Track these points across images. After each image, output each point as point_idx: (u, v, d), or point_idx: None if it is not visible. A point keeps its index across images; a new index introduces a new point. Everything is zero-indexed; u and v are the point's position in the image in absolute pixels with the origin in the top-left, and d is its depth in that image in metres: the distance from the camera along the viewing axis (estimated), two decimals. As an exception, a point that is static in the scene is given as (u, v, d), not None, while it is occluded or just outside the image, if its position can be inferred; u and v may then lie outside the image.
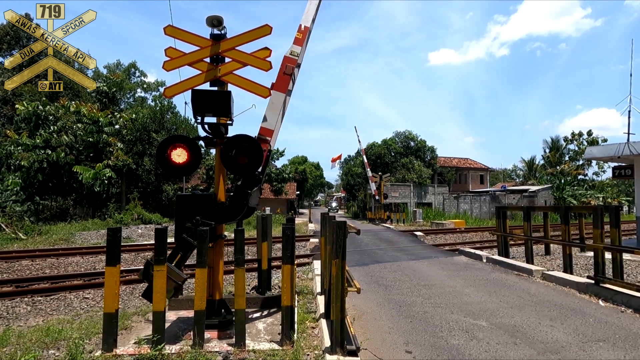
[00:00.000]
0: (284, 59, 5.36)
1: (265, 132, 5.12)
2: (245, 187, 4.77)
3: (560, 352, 4.06)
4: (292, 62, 5.36)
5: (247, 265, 9.06)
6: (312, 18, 5.66)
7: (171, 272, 4.22)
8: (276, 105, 5.21)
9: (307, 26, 5.59)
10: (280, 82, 5.28)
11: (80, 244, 14.51)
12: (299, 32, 5.52)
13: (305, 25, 5.57)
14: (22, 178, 20.94)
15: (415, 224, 27.67)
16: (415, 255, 11.26)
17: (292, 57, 5.37)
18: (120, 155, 23.64)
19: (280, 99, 5.25)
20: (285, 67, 5.30)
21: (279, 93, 5.25)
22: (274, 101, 5.21)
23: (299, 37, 5.48)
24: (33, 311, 6.42)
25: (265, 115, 5.18)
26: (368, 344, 4.27)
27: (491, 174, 56.88)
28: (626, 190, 46.07)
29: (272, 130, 5.13)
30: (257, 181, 4.87)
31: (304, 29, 5.56)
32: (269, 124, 5.15)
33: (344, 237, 3.85)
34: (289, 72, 5.30)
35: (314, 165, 62.50)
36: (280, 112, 5.23)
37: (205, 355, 3.90)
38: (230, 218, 4.75)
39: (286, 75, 5.29)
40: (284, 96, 5.29)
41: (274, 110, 5.19)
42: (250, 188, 4.77)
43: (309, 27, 5.60)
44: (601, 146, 15.19)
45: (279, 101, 5.24)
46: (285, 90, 5.29)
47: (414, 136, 41.01)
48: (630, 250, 7.05)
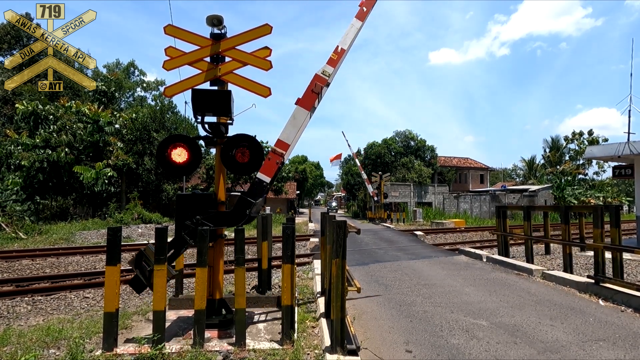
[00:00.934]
0: (314, 77, 5.29)
1: (281, 145, 5.05)
2: (251, 196, 4.72)
3: (560, 352, 4.06)
4: (323, 81, 5.29)
5: (247, 264, 9.06)
6: (350, 41, 5.58)
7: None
8: (298, 122, 5.15)
9: (344, 49, 5.51)
10: (307, 99, 5.21)
11: (80, 244, 14.51)
12: (335, 53, 5.45)
13: (342, 47, 5.49)
14: (22, 178, 20.96)
15: (415, 223, 27.68)
16: (415, 254, 11.26)
17: (324, 76, 5.31)
18: (121, 154, 23.64)
19: (303, 115, 5.18)
20: (315, 85, 5.23)
21: (303, 110, 5.18)
22: (297, 117, 5.15)
23: (333, 58, 5.41)
24: (33, 310, 6.42)
25: (285, 129, 5.12)
26: (368, 344, 4.27)
27: (491, 173, 56.86)
28: (626, 190, 46.08)
29: (288, 145, 5.07)
30: (263, 191, 4.82)
31: (340, 51, 5.49)
32: (287, 139, 5.08)
33: (344, 237, 3.85)
34: (317, 90, 5.24)
35: (314, 165, 62.55)
36: (300, 128, 5.18)
37: (205, 355, 3.90)
38: (230, 224, 4.71)
39: (314, 93, 5.22)
40: (307, 113, 5.22)
41: (294, 126, 5.14)
42: (256, 198, 4.72)
43: (346, 50, 5.52)
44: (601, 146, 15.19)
45: (302, 118, 5.18)
46: (310, 108, 5.22)
47: (414, 136, 41.03)
48: (631, 250, 7.05)
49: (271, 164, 4.93)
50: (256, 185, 4.83)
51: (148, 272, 4.32)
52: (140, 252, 4.36)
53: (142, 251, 4.35)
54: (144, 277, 4.35)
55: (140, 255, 4.35)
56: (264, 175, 4.87)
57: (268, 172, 4.89)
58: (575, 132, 46.50)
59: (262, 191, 4.82)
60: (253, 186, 4.84)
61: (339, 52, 5.48)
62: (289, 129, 5.12)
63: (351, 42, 5.61)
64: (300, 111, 5.19)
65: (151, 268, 4.27)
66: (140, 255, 4.36)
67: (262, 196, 4.84)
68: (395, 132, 42.13)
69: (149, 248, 4.33)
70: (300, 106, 5.19)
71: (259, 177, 4.86)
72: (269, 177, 4.87)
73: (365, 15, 5.73)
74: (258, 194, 4.78)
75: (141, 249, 4.38)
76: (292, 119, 5.16)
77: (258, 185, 4.83)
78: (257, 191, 4.79)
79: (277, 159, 4.95)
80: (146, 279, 4.35)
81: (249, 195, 4.72)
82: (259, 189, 4.81)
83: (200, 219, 4.49)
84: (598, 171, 45.25)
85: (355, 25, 5.66)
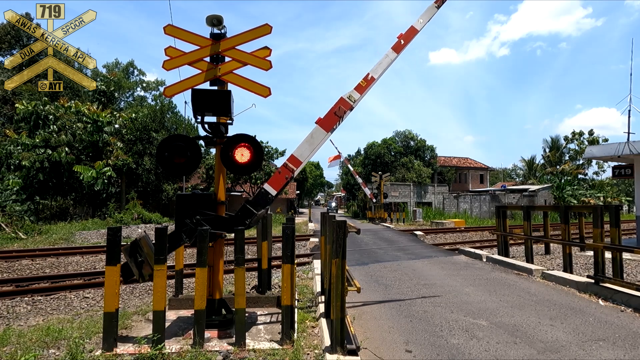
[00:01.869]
0: (340, 100, 5.28)
1: (294, 161, 5.05)
2: (254, 206, 4.70)
3: (560, 352, 4.06)
4: (347, 106, 5.28)
5: (247, 264, 9.06)
6: (382, 71, 5.56)
7: (152, 259, 4.19)
8: (315, 141, 5.15)
9: (375, 77, 5.48)
10: (328, 121, 5.20)
11: (80, 244, 14.51)
12: (364, 80, 5.43)
13: (373, 75, 5.47)
14: (22, 178, 20.95)
15: (415, 223, 27.68)
16: (415, 254, 11.26)
17: (349, 101, 5.29)
18: (120, 154, 23.64)
19: (321, 136, 5.17)
20: (339, 108, 5.22)
21: (322, 130, 5.17)
22: (315, 136, 5.14)
23: (362, 84, 5.40)
24: (33, 310, 6.42)
25: (300, 146, 5.12)
26: (368, 343, 4.27)
27: (491, 173, 56.88)
28: (626, 190, 46.09)
29: (301, 162, 5.06)
30: (267, 203, 4.80)
31: (370, 79, 5.46)
32: (301, 156, 5.07)
33: (344, 237, 3.85)
34: (340, 114, 5.23)
35: (314, 165, 62.53)
36: (316, 147, 5.17)
37: (205, 355, 3.90)
38: (228, 230, 4.66)
39: (336, 116, 5.22)
40: (326, 135, 5.20)
41: (310, 145, 5.13)
42: (258, 209, 4.71)
43: (376, 79, 5.50)
44: (601, 145, 15.19)
45: (320, 138, 5.17)
46: (330, 130, 5.21)
47: (414, 135, 41.06)
48: (630, 250, 7.04)
49: (280, 177, 4.92)
50: (261, 196, 4.81)
51: (139, 262, 4.29)
52: (135, 241, 4.30)
53: (137, 241, 4.30)
54: (136, 266, 4.31)
55: (135, 245, 4.29)
56: (270, 188, 4.85)
57: (275, 185, 4.87)
58: (575, 132, 46.55)
59: (266, 202, 4.81)
60: (258, 196, 4.81)
61: (368, 79, 5.45)
62: (304, 147, 5.12)
63: (383, 72, 5.58)
64: (319, 131, 5.17)
65: (142, 259, 4.26)
66: (134, 245, 4.30)
67: (265, 208, 4.83)
68: (395, 132, 42.20)
69: (144, 239, 4.30)
70: (320, 126, 5.16)
71: (266, 189, 4.84)
72: (276, 190, 4.85)
73: (402, 48, 5.68)
74: (261, 204, 4.76)
75: (137, 238, 4.35)
76: (310, 138, 5.16)
77: (263, 196, 4.81)
78: (261, 202, 4.77)
79: (287, 174, 4.94)
80: (136, 269, 4.32)
81: (252, 204, 4.69)
82: (264, 200, 4.79)
83: (200, 219, 4.49)
84: (598, 171, 45.31)
85: (389, 57, 5.63)
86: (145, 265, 4.28)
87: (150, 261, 4.21)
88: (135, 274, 4.36)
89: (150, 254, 4.20)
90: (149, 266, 4.24)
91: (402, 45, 5.67)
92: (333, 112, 5.23)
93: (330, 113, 5.24)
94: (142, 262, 4.25)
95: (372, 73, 5.50)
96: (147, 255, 4.26)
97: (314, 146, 5.15)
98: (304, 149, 5.11)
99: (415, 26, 5.75)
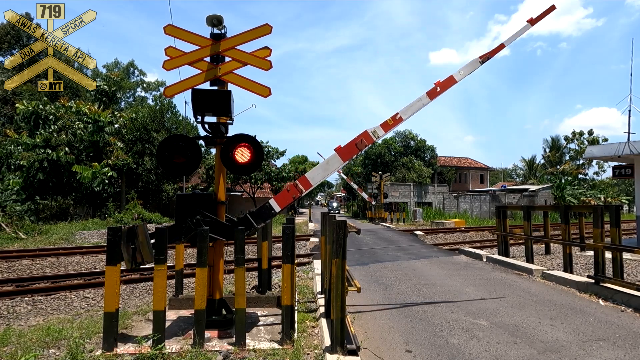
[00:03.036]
0: (363, 133, 5.23)
1: (305, 183, 5.01)
2: (255, 219, 4.69)
3: (560, 352, 4.06)
4: (370, 140, 5.26)
5: (247, 264, 9.06)
6: (411, 114, 5.53)
7: (144, 247, 4.19)
8: (330, 167, 5.12)
9: (403, 119, 5.45)
10: (347, 151, 5.15)
11: (80, 244, 14.51)
12: (392, 119, 5.38)
13: (401, 116, 5.44)
14: (22, 177, 20.95)
15: (415, 223, 27.68)
16: (415, 254, 11.26)
17: (372, 136, 5.27)
18: (121, 154, 23.64)
19: (337, 164, 5.14)
20: (361, 141, 5.18)
21: (339, 159, 5.13)
22: (331, 163, 5.12)
23: (389, 123, 5.36)
24: (33, 310, 6.43)
25: (315, 170, 5.11)
26: (368, 343, 4.27)
27: (491, 173, 56.88)
28: (626, 190, 46.08)
29: (311, 185, 5.04)
30: (269, 217, 4.79)
31: (398, 119, 5.42)
32: (313, 179, 5.04)
33: (344, 237, 3.85)
34: (361, 147, 5.22)
35: (314, 165, 62.48)
36: (329, 173, 5.15)
37: (205, 355, 3.90)
38: (227, 237, 4.62)
39: (357, 148, 5.20)
40: (342, 164, 5.18)
41: (325, 170, 5.11)
42: (259, 223, 4.70)
43: (404, 120, 5.48)
44: (601, 145, 15.19)
45: (335, 165, 5.15)
46: (347, 160, 5.20)
47: (414, 135, 41.06)
48: (631, 250, 7.04)
49: (288, 196, 4.91)
50: (265, 209, 4.80)
51: (132, 249, 4.28)
52: (133, 227, 4.25)
53: (134, 228, 4.25)
54: (126, 251, 4.28)
55: (132, 231, 4.24)
56: (276, 204, 4.83)
57: (281, 203, 4.85)
58: (575, 132, 46.60)
59: (267, 217, 4.80)
60: (261, 209, 4.79)
61: (396, 119, 5.41)
62: (318, 171, 5.10)
63: (411, 114, 5.54)
64: (336, 159, 5.14)
65: (135, 246, 4.25)
66: (131, 231, 4.25)
67: (265, 222, 4.81)
68: (395, 132, 42.14)
69: (142, 227, 4.27)
70: (338, 154, 5.12)
71: (271, 204, 4.83)
72: (280, 207, 4.84)
73: (437, 95, 5.63)
74: (263, 218, 4.76)
75: (134, 225, 4.32)
76: (325, 164, 5.15)
77: (267, 210, 4.80)
78: (264, 216, 4.76)
79: (295, 194, 4.93)
80: (126, 254, 4.29)
81: (253, 216, 4.69)
82: (266, 214, 4.78)
83: (200, 219, 4.49)
84: (598, 171, 45.37)
85: (422, 101, 5.57)
86: (137, 253, 4.26)
87: (142, 250, 4.20)
88: (125, 259, 4.33)
89: (144, 242, 4.19)
90: (139, 254, 4.22)
91: (437, 92, 5.63)
92: (354, 144, 5.18)
93: (351, 144, 5.18)
94: (135, 249, 4.24)
95: (401, 114, 5.45)
96: (140, 244, 4.25)
97: (328, 172, 5.15)
98: (317, 173, 5.09)
99: (455, 77, 5.72)
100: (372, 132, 5.26)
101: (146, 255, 4.20)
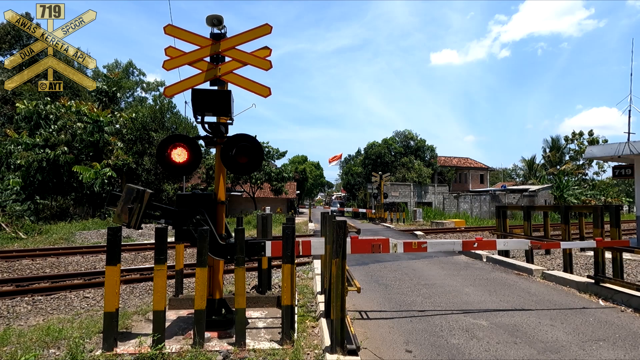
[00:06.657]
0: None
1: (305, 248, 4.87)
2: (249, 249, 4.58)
3: (560, 352, 4.06)
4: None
5: (247, 264, 9.05)
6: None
7: (137, 212, 4.27)
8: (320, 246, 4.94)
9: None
10: (357, 246, 4.99)
11: (80, 244, 14.51)
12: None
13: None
14: (22, 177, 20.94)
15: (415, 223, 27.68)
16: (415, 254, 11.25)
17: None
18: (120, 154, 23.64)
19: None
20: (372, 246, 5.07)
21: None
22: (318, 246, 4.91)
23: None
24: (33, 310, 6.42)
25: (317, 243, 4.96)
26: (368, 343, 4.27)
27: (491, 173, 56.86)
28: (626, 190, 46.06)
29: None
30: (258, 253, 4.67)
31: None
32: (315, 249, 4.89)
33: (344, 237, 3.85)
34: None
35: (314, 165, 62.44)
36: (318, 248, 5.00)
37: (205, 355, 3.90)
38: (221, 257, 4.56)
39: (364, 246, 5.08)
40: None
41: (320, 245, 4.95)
42: (250, 256, 4.62)
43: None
44: (601, 146, 15.18)
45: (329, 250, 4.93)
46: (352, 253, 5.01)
47: (414, 135, 41.06)
48: (631, 250, 7.04)
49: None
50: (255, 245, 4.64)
51: (129, 208, 4.28)
52: (141, 191, 4.27)
53: (143, 191, 4.27)
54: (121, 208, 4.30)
55: (141, 195, 4.26)
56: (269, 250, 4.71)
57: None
58: (575, 132, 46.59)
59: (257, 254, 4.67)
60: (252, 245, 4.64)
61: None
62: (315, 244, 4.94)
63: None
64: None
65: (132, 206, 4.28)
66: (140, 194, 4.27)
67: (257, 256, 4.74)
68: (395, 132, 42.20)
69: (148, 194, 4.33)
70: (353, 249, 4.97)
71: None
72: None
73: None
74: (253, 253, 4.64)
75: (143, 189, 4.31)
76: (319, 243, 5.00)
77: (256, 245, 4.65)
78: (253, 252, 4.63)
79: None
80: (121, 210, 4.30)
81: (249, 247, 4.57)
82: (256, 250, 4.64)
83: (200, 219, 4.49)
84: (598, 171, 45.35)
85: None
86: (126, 214, 4.28)
87: (134, 214, 4.25)
88: (115, 212, 4.35)
89: (141, 208, 4.26)
90: (127, 216, 4.27)
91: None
92: (369, 243, 5.03)
93: (363, 242, 5.02)
94: (132, 209, 4.28)
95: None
96: (137, 207, 4.27)
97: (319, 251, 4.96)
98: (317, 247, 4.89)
99: None
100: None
101: (133, 220, 4.27)
